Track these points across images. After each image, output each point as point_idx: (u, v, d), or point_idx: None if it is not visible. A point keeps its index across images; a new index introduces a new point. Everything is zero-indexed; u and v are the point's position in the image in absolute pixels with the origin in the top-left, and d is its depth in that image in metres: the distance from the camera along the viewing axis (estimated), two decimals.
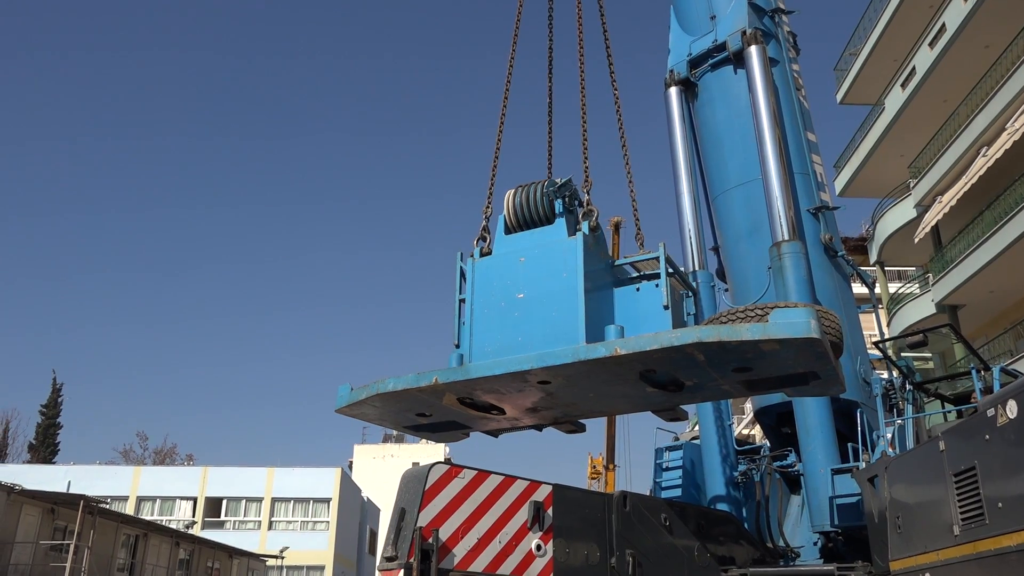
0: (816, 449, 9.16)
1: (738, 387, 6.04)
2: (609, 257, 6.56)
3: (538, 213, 6.48)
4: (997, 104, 20.42)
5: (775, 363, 5.50)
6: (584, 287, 5.97)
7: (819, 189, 10.96)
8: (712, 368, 5.61)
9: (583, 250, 6.10)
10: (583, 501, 7.43)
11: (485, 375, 5.87)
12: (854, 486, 8.66)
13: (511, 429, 7.29)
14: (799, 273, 9.49)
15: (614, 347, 5.41)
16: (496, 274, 6.42)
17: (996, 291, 22.38)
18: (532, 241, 6.41)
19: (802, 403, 9.34)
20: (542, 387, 6.01)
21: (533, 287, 6.19)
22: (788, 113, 10.98)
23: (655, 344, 5.30)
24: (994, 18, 20.53)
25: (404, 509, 6.39)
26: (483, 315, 6.35)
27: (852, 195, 29.94)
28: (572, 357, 5.56)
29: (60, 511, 24.78)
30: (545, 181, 6.59)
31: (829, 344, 5.46)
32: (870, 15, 27.32)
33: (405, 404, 6.53)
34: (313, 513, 45.79)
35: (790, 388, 6.09)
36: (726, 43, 10.84)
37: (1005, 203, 20.33)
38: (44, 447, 51.62)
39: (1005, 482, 5.37)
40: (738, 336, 5.15)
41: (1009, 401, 5.34)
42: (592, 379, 5.86)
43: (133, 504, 43.53)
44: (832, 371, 5.65)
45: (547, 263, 6.20)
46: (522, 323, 6.12)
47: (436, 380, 6.02)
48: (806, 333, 5.06)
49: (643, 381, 5.86)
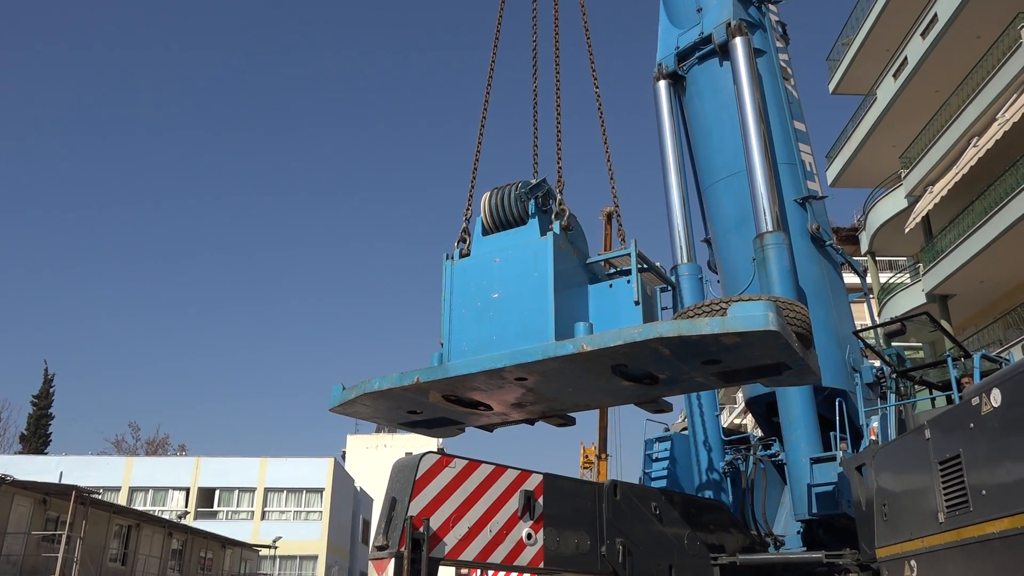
0: (799, 438, 9.23)
1: (712, 379, 6.16)
2: (583, 255, 6.68)
3: (512, 214, 6.64)
4: (988, 94, 20.48)
5: (742, 355, 5.63)
6: (555, 285, 6.13)
7: (807, 178, 11.00)
8: (680, 361, 5.74)
9: (553, 250, 6.25)
10: (574, 490, 7.47)
11: (463, 373, 6.06)
12: (832, 475, 8.76)
13: (503, 424, 7.41)
14: (782, 264, 9.56)
15: (581, 344, 5.59)
16: (473, 275, 6.60)
17: (986, 281, 22.50)
18: (506, 242, 6.58)
19: (785, 393, 9.40)
20: (520, 383, 6.16)
21: (507, 287, 6.36)
22: (775, 103, 11.02)
23: (619, 340, 5.46)
24: (985, 9, 20.57)
25: (395, 498, 6.43)
26: (461, 315, 6.54)
27: (844, 185, 30.00)
28: (542, 354, 5.74)
29: (52, 502, 24.75)
30: (519, 183, 6.71)
31: (794, 336, 5.56)
32: (863, 5, 27.33)
33: (394, 402, 6.70)
34: (306, 503, 45.88)
35: (765, 379, 6.19)
36: (711, 35, 10.89)
37: (995, 193, 20.43)
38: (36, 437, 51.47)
39: (989, 470, 5.43)
40: (698, 331, 5.28)
41: (993, 390, 5.39)
42: (566, 375, 6.00)
43: (125, 495, 43.51)
44: (801, 362, 5.74)
45: (520, 263, 6.37)
46: (497, 322, 6.30)
47: (418, 379, 6.23)
48: (764, 326, 5.17)
49: (617, 375, 5.99)
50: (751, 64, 10.40)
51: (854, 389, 10.01)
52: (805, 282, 10.25)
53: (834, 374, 9.96)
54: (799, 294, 9.96)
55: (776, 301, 5.67)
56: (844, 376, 9.99)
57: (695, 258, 11.04)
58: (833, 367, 10.05)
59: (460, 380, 6.16)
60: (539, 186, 6.64)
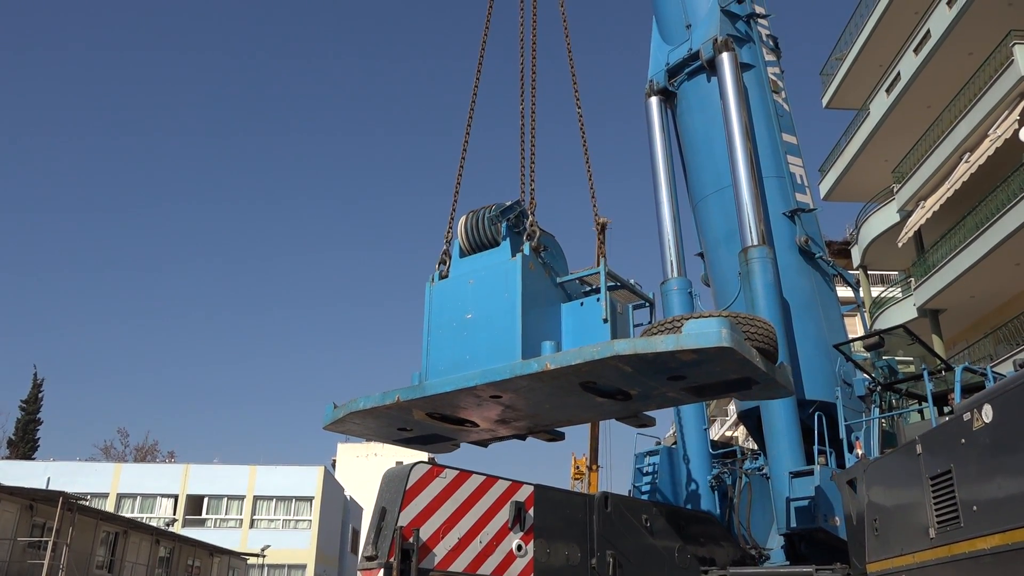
0: (781, 452, 9.23)
1: (684, 394, 6.27)
2: (559, 273, 6.83)
3: (486, 236, 6.81)
4: (980, 111, 20.61)
5: (704, 371, 5.71)
6: (523, 305, 6.26)
7: (797, 191, 11.04)
8: (646, 378, 5.84)
9: (522, 270, 6.39)
10: (564, 502, 7.46)
11: (439, 392, 6.22)
12: (810, 489, 8.76)
13: (493, 440, 7.53)
14: (766, 277, 9.61)
15: (545, 362, 5.73)
16: (450, 296, 6.77)
17: (977, 296, 22.59)
18: (480, 263, 6.75)
19: (768, 406, 9.41)
20: (496, 401, 6.30)
21: (480, 307, 6.52)
22: (763, 116, 11.08)
23: (579, 359, 5.58)
24: (978, 25, 20.72)
25: (385, 508, 6.41)
26: (439, 335, 6.71)
27: (837, 199, 30.12)
28: (510, 373, 5.87)
29: (39, 508, 24.55)
30: (493, 206, 6.87)
31: (754, 351, 5.61)
32: (856, 21, 27.52)
33: (383, 420, 6.84)
34: (295, 511, 45.59)
35: (736, 393, 6.26)
36: (700, 51, 10.98)
37: (987, 209, 20.53)
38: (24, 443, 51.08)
39: (980, 486, 5.43)
40: (653, 348, 5.38)
41: (984, 405, 5.39)
42: (539, 392, 6.13)
43: (113, 501, 43.16)
44: (766, 376, 5.80)
45: (491, 284, 6.52)
46: (470, 341, 6.45)
47: (399, 398, 6.39)
48: (717, 342, 5.24)
49: (589, 392, 6.09)
50: (737, 79, 10.49)
51: (846, 402, 10.01)
52: (794, 295, 10.28)
53: (823, 387, 9.97)
54: (785, 307, 10.00)
55: (736, 317, 5.77)
56: (836, 389, 10.00)
57: (686, 272, 11.08)
58: (823, 380, 10.06)
59: (438, 398, 6.30)
60: (511, 208, 6.81)
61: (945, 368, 9.46)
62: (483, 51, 8.62)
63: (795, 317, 10.26)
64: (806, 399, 9.87)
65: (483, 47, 8.65)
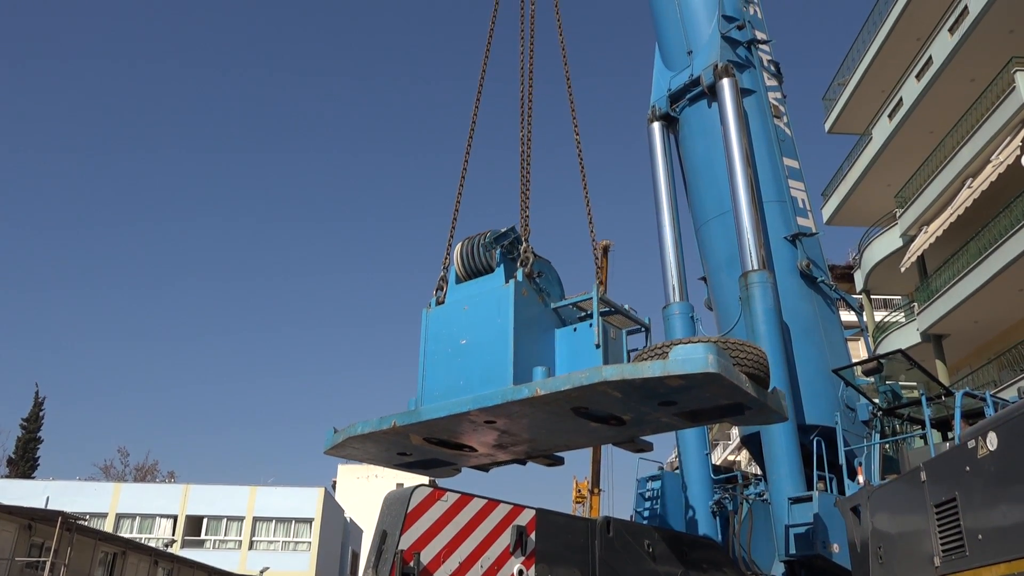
0: (781, 477, 9.18)
1: (677, 419, 6.26)
2: (550, 299, 6.90)
3: (481, 263, 6.90)
4: (982, 137, 20.69)
5: (694, 397, 5.72)
6: (515, 331, 6.31)
7: (799, 215, 11.07)
8: (637, 403, 5.84)
9: (515, 297, 6.44)
10: (566, 526, 7.41)
11: (433, 417, 6.24)
12: (808, 515, 8.70)
13: (493, 464, 7.55)
14: (766, 302, 9.63)
15: (535, 388, 5.75)
16: (445, 322, 6.84)
17: (981, 321, 22.55)
18: (475, 290, 6.82)
19: (768, 431, 9.39)
20: (491, 426, 6.32)
21: (473, 333, 6.58)
22: (764, 141, 11.15)
23: (568, 384, 5.60)
24: (980, 52, 20.86)
25: (386, 531, 6.37)
26: (434, 361, 6.78)
27: (839, 223, 30.17)
28: (501, 398, 5.90)
29: (37, 527, 24.43)
30: (488, 232, 6.96)
31: (743, 376, 5.62)
32: (858, 47, 27.71)
33: (381, 445, 6.88)
34: (295, 533, 45.30)
35: (729, 418, 6.27)
36: (700, 77, 11.07)
37: (990, 234, 20.55)
38: (24, 462, 50.89)
39: (985, 514, 5.39)
40: (640, 374, 5.39)
41: (989, 433, 5.37)
42: (532, 418, 6.14)
43: (112, 521, 42.93)
44: (757, 402, 5.80)
45: (485, 310, 6.58)
46: (464, 367, 6.51)
47: (395, 423, 6.43)
48: (703, 368, 5.24)
49: (583, 417, 6.10)
50: (738, 105, 10.58)
51: (849, 427, 9.98)
52: (795, 319, 10.28)
53: (826, 412, 9.94)
54: (786, 331, 10.01)
55: (725, 342, 5.78)
56: (838, 414, 9.97)
57: (688, 296, 11.11)
58: (825, 405, 10.03)
59: (433, 424, 6.32)
60: (505, 235, 6.90)
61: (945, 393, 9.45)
62: (482, 80, 8.70)
63: (797, 341, 10.25)
64: (807, 424, 9.84)
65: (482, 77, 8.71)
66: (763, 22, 12.27)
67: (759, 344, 9.51)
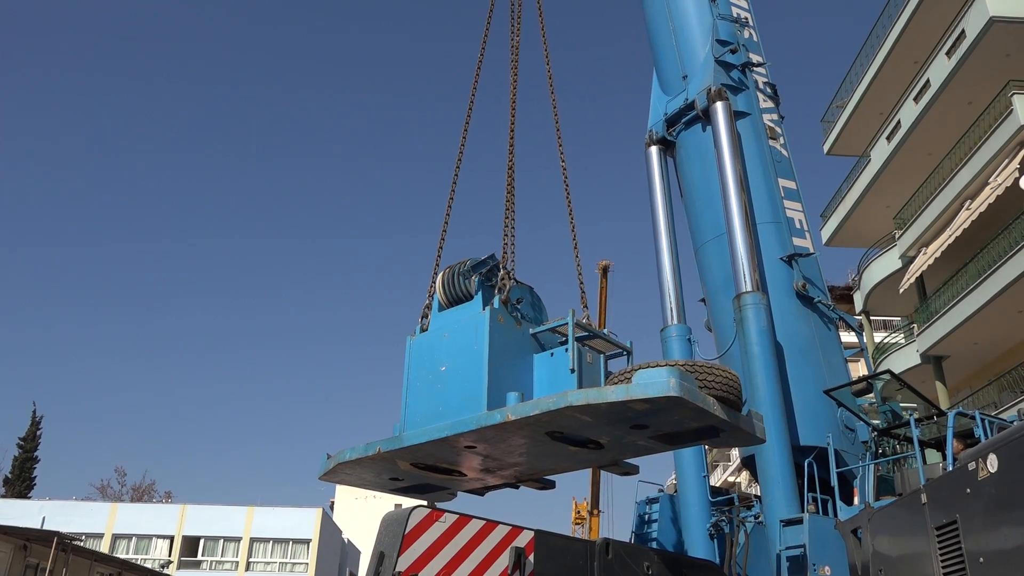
0: (775, 499, 9.15)
1: (653, 443, 6.28)
2: (530, 325, 7.01)
3: (461, 291, 7.02)
4: (980, 159, 20.79)
5: (665, 420, 5.74)
6: (490, 357, 6.40)
7: (795, 236, 11.12)
8: (609, 427, 5.88)
9: (490, 323, 6.55)
10: (565, 548, 7.37)
11: (414, 443, 6.32)
12: (799, 537, 8.66)
13: (485, 488, 7.58)
14: (759, 324, 9.67)
15: (507, 413, 5.82)
16: (427, 349, 6.97)
17: (980, 343, 22.54)
18: (455, 317, 6.95)
19: (762, 453, 9.37)
20: (472, 451, 6.39)
21: (452, 359, 6.69)
22: (759, 163, 11.23)
23: (536, 409, 5.66)
24: (977, 76, 21.01)
25: (383, 553, 6.34)
26: (416, 387, 6.90)
27: (838, 244, 30.24)
28: (475, 424, 5.97)
29: (33, 547, 24.28)
30: (468, 260, 7.10)
31: (710, 399, 5.63)
32: (856, 69, 27.91)
33: (372, 471, 6.94)
34: (292, 554, 44.99)
35: (705, 441, 6.30)
36: (695, 101, 11.20)
37: (989, 255, 20.60)
38: (20, 481, 50.60)
39: (986, 537, 5.36)
40: (604, 398, 5.43)
41: (990, 455, 5.35)
42: (510, 442, 6.20)
43: (108, 542, 42.64)
44: (729, 424, 5.82)
45: (463, 337, 6.69)
46: (444, 393, 6.61)
47: (379, 449, 6.51)
48: (664, 392, 5.27)
49: (560, 441, 6.14)
50: (731, 128, 10.69)
51: (849, 447, 9.96)
52: (791, 340, 10.30)
53: (823, 432, 9.92)
54: (782, 352, 10.03)
55: (692, 365, 5.79)
56: (836, 434, 9.96)
57: (686, 319, 11.17)
58: (824, 425, 10.01)
59: (415, 449, 6.39)
60: (484, 263, 7.02)
61: (938, 413, 9.45)
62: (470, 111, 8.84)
63: (794, 362, 10.26)
64: (801, 445, 9.83)
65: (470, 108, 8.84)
66: (759, 45, 12.39)
67: (753, 366, 9.55)
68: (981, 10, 19.86)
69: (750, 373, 9.54)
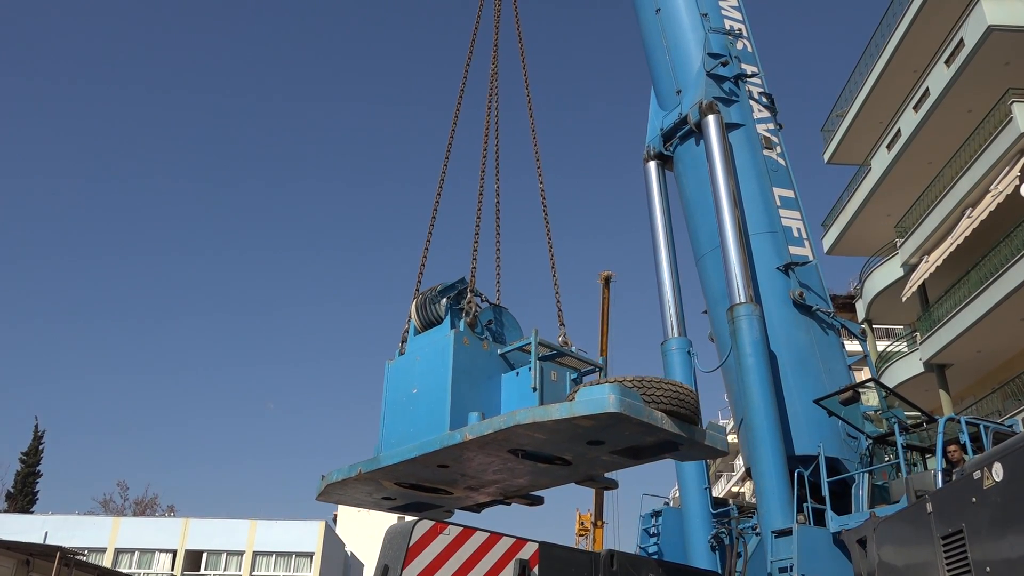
0: (770, 510, 9.12)
1: (617, 458, 6.36)
2: (500, 345, 7.15)
3: (432, 315, 7.19)
4: (980, 167, 20.81)
5: (616, 436, 5.80)
6: (454, 379, 6.55)
7: (793, 244, 11.13)
8: (567, 444, 5.96)
9: (454, 346, 6.69)
10: (569, 559, 7.37)
11: (389, 464, 6.48)
12: (789, 548, 8.65)
13: (478, 505, 7.66)
14: (752, 335, 9.72)
15: (464, 433, 5.96)
16: (402, 372, 7.15)
17: (983, 351, 22.51)
18: (426, 340, 7.12)
19: (756, 464, 9.37)
20: (446, 470, 6.52)
21: (422, 382, 6.86)
22: (754, 174, 11.28)
23: (490, 429, 5.77)
24: (976, 84, 21.06)
25: (387, 566, 6.35)
26: (392, 409, 7.08)
27: (840, 253, 30.25)
28: (439, 444, 6.11)
29: (36, 563, 24.19)
30: (438, 285, 7.27)
31: (657, 414, 5.67)
32: (856, 78, 27.98)
33: (362, 491, 7.08)
34: (295, 568, 44.83)
35: (668, 455, 6.39)
36: (688, 115, 11.29)
37: (990, 264, 20.59)
38: (22, 496, 50.53)
39: (992, 545, 5.34)
40: (548, 416, 5.53)
41: (995, 464, 5.34)
42: (478, 461, 6.31)
43: (111, 556, 42.50)
44: (682, 438, 5.87)
45: (431, 360, 6.87)
46: (414, 415, 6.77)
47: (360, 471, 6.67)
48: (604, 408, 5.35)
49: (528, 459, 6.22)
50: (723, 141, 10.77)
51: (848, 456, 9.95)
52: (790, 349, 10.31)
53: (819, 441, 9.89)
54: (774, 362, 10.04)
55: (640, 381, 5.82)
56: (835, 443, 9.95)
57: (686, 332, 11.23)
58: (822, 435, 9.99)
59: (391, 469, 6.52)
60: (452, 287, 7.19)
61: (928, 420, 9.49)
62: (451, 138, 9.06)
63: (792, 371, 10.27)
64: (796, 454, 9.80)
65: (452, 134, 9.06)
66: (754, 55, 12.44)
67: (747, 377, 9.58)
68: (980, 19, 19.93)
69: (744, 384, 9.58)
